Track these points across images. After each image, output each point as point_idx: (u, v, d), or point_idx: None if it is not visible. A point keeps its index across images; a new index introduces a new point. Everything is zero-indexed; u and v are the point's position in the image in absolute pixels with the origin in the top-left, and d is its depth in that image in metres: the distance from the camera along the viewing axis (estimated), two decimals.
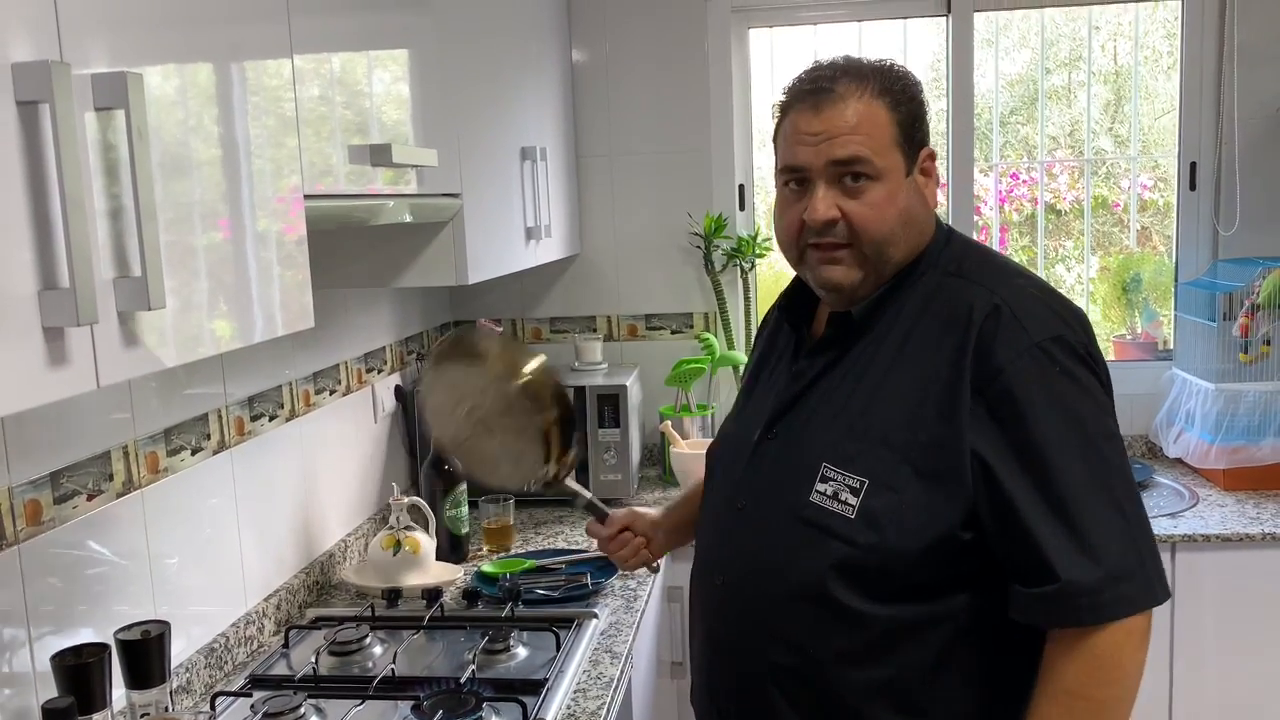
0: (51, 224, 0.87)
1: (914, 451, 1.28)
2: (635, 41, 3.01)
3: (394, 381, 2.67)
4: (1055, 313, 1.31)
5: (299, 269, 1.33)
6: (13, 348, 0.84)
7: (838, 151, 1.31)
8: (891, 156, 1.32)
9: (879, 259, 1.35)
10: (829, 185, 1.33)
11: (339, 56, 1.51)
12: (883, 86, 1.32)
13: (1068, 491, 1.22)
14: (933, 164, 1.38)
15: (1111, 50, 3.55)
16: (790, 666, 1.35)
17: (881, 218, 1.32)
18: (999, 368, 1.25)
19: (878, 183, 1.32)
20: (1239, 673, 2.47)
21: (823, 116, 1.32)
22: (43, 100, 0.85)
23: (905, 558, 1.28)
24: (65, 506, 1.48)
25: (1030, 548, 1.22)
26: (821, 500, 1.32)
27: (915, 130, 1.35)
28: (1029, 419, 1.24)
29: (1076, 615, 1.21)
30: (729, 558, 1.44)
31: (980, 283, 1.33)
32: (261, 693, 1.70)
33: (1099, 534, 1.22)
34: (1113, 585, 1.21)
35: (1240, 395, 2.70)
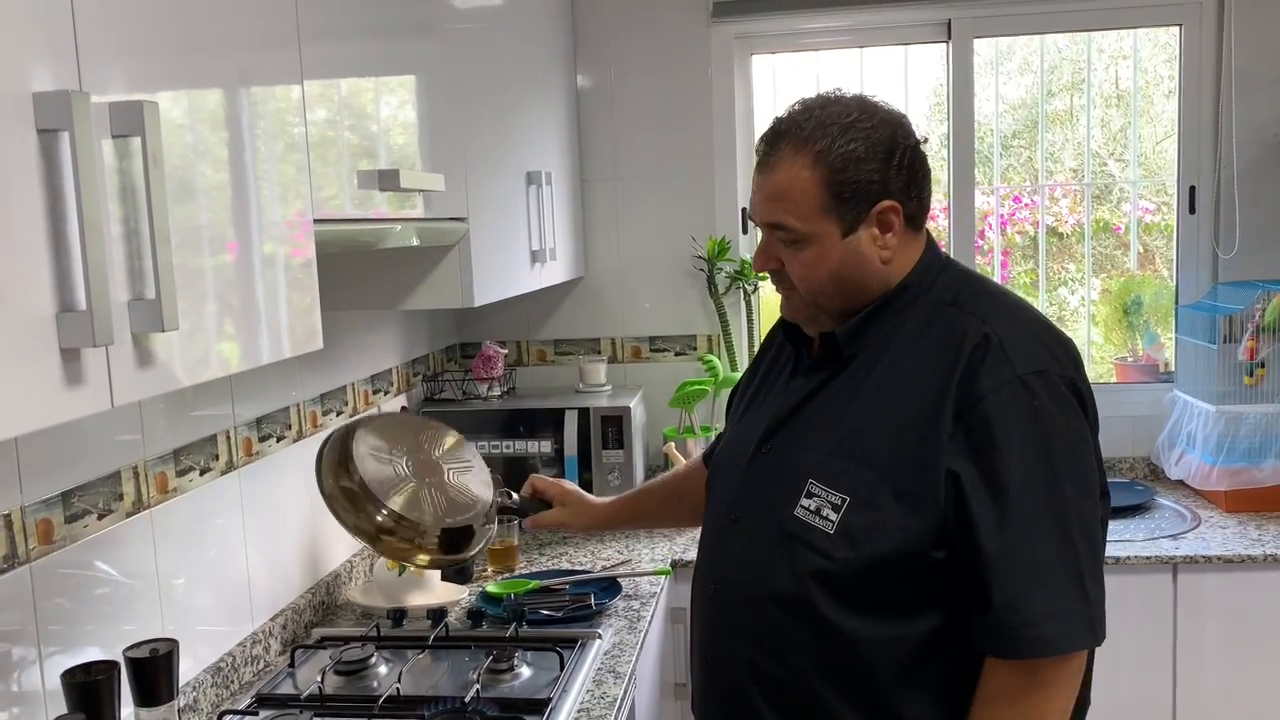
0: (70, 248, 0.89)
1: (895, 471, 1.32)
2: (639, 67, 3.05)
3: (400, 403, 2.69)
4: (1044, 345, 1.34)
5: (308, 291, 1.35)
6: (31, 368, 0.86)
7: (766, 216, 1.40)
8: (819, 222, 1.36)
9: (819, 305, 1.43)
10: (767, 240, 1.43)
11: (348, 82, 1.53)
12: (821, 151, 1.34)
13: (1024, 524, 1.26)
14: (895, 215, 1.37)
15: (1113, 74, 3.58)
16: (773, 673, 1.40)
17: (810, 276, 1.40)
18: (980, 396, 1.29)
19: (806, 245, 1.38)
20: (1242, 694, 2.47)
21: (762, 178, 1.40)
22: (63, 128, 0.87)
23: (880, 573, 1.32)
24: (76, 526, 1.50)
25: (983, 574, 1.27)
26: (804, 515, 1.36)
27: (857, 191, 1.34)
28: (1001, 449, 1.28)
29: (1017, 646, 1.26)
30: (721, 568, 1.50)
31: (974, 313, 1.37)
32: (268, 712, 1.71)
33: (1048, 569, 1.26)
34: (1055, 621, 1.25)
35: (1241, 417, 2.71)
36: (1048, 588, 1.25)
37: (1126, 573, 2.46)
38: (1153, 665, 2.47)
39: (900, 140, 1.37)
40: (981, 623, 1.28)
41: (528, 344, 3.18)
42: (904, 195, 1.38)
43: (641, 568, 2.41)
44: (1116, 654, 2.47)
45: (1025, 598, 1.25)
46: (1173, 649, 2.47)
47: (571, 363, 3.14)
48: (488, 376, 2.85)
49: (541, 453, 2.72)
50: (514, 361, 3.15)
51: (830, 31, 3.08)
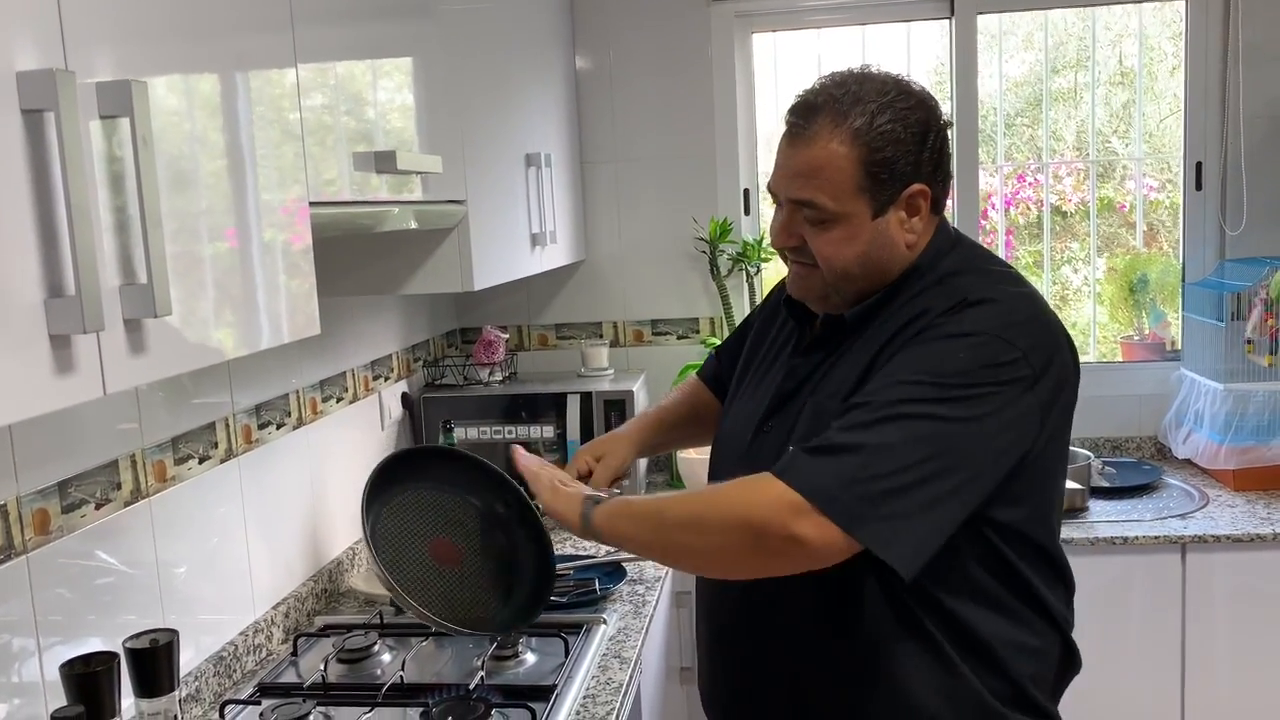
0: (57, 232, 0.87)
1: None
2: (639, 47, 3.02)
3: (401, 389, 2.67)
4: (1002, 311, 1.31)
5: (305, 277, 1.33)
6: (19, 355, 0.84)
7: (796, 192, 1.35)
8: (852, 202, 1.32)
9: (840, 287, 1.39)
10: (791, 215, 1.38)
11: (344, 65, 1.51)
12: (861, 127, 1.30)
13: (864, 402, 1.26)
14: (925, 200, 1.35)
15: (1118, 52, 3.55)
16: (773, 643, 1.43)
17: (836, 256, 1.36)
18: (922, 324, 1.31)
19: (835, 224, 1.34)
20: (1251, 673, 2.46)
21: (793, 153, 1.35)
22: (48, 109, 0.85)
23: None
24: (73, 516, 1.48)
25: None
26: None
27: (892, 173, 1.32)
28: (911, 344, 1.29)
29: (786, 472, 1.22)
30: None
31: (959, 287, 1.35)
32: (270, 701, 1.70)
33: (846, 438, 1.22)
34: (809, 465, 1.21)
35: (1249, 395, 2.69)
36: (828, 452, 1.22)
37: (1135, 552, 2.44)
38: (1161, 645, 2.46)
39: (933, 124, 1.35)
40: None
41: (529, 328, 3.16)
42: (933, 179, 1.36)
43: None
44: (1125, 633, 2.47)
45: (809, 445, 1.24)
46: (1181, 628, 2.45)
47: (573, 347, 3.12)
48: (489, 361, 2.83)
49: (544, 437, 2.70)
50: (515, 346, 3.12)
51: (831, 8, 3.04)
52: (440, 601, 1.63)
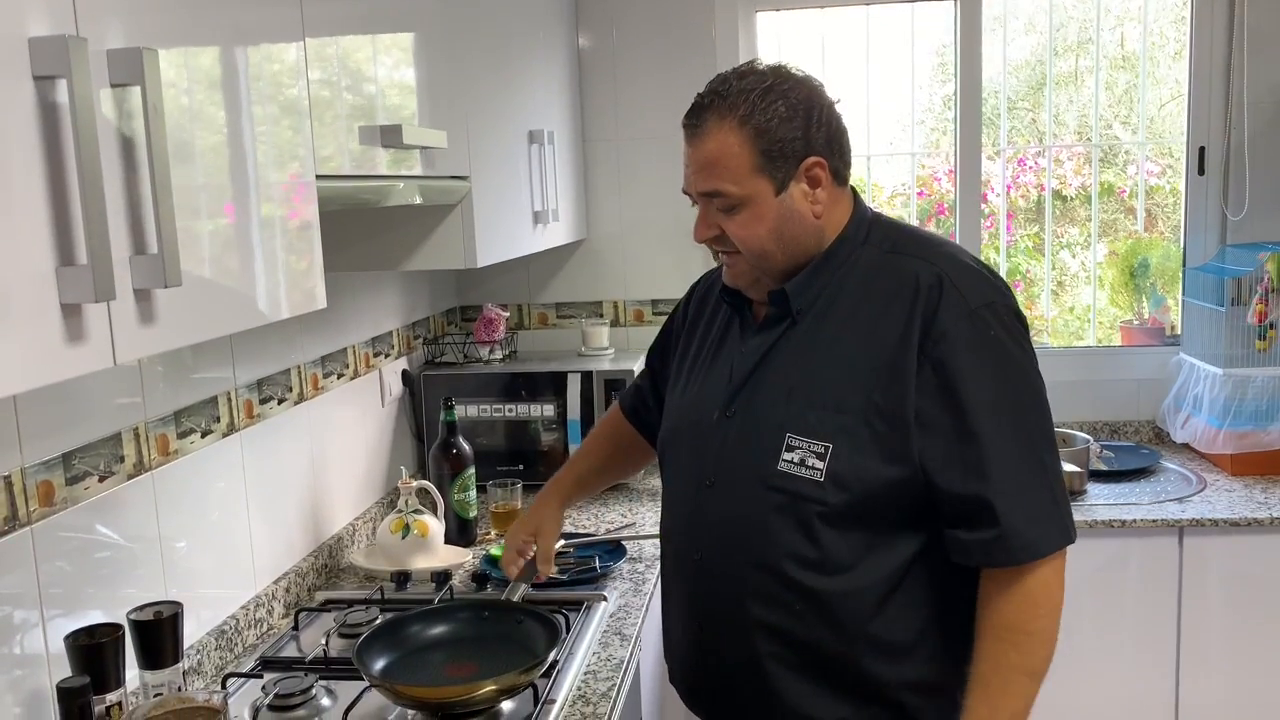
0: (69, 200, 0.86)
1: (870, 413, 1.39)
2: (642, 25, 3.00)
3: (401, 365, 2.66)
4: (987, 280, 1.43)
5: (311, 251, 1.33)
6: (31, 324, 0.84)
7: (701, 185, 1.44)
8: (752, 183, 1.40)
9: (763, 266, 1.46)
10: (705, 209, 1.46)
11: (350, 40, 1.50)
12: (746, 114, 1.39)
13: (1001, 446, 1.36)
14: (823, 170, 1.42)
15: (1119, 36, 3.54)
16: (775, 624, 1.45)
17: (751, 236, 1.43)
18: (943, 331, 1.37)
19: (742, 207, 1.42)
20: (1246, 656, 2.47)
21: (692, 151, 1.44)
22: (60, 75, 0.84)
23: (871, 509, 1.40)
24: (77, 488, 1.48)
25: (968, 497, 1.36)
26: (789, 468, 1.42)
27: (784, 150, 1.39)
28: (966, 378, 1.36)
29: (1011, 555, 1.36)
30: (704, 534, 1.52)
31: (919, 256, 1.44)
32: (272, 674, 1.70)
33: (1027, 483, 1.37)
34: (1037, 527, 1.36)
35: (1248, 380, 2.69)
36: (1028, 502, 1.36)
37: (1132, 535, 2.45)
38: (1157, 627, 2.47)
39: (817, 100, 1.43)
40: (969, 540, 1.37)
41: (529, 307, 3.15)
42: (827, 151, 1.43)
43: (645, 530, 2.40)
44: (1121, 615, 2.48)
45: (1011, 513, 1.35)
46: (1177, 612, 2.47)
47: (573, 326, 3.11)
48: (489, 339, 2.83)
49: (544, 416, 2.70)
50: (515, 325, 3.12)
51: None
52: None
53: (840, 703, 1.44)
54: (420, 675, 1.63)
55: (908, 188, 3.41)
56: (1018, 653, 1.37)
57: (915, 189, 3.43)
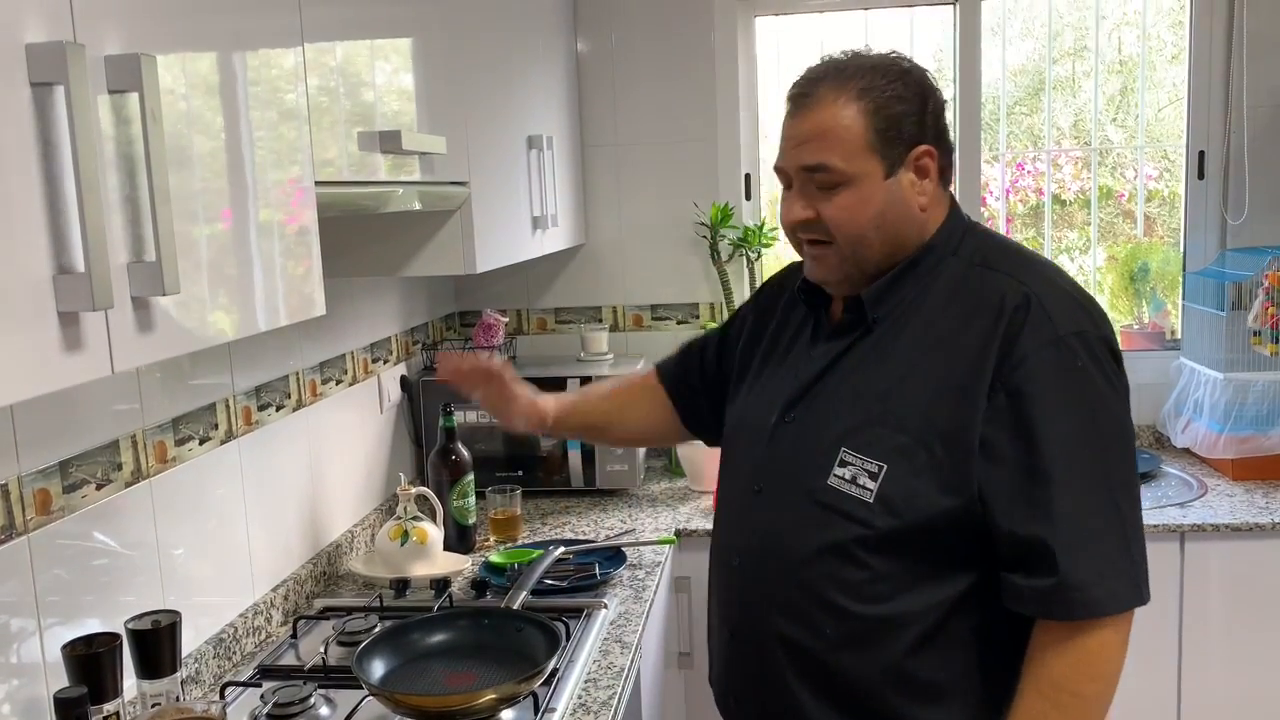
0: (66, 207, 0.86)
1: (931, 437, 1.30)
2: (641, 30, 3.00)
3: (400, 372, 2.66)
4: (1081, 306, 1.33)
5: (310, 257, 1.32)
6: (28, 332, 0.83)
7: (806, 158, 1.34)
8: (864, 161, 1.32)
9: (857, 256, 1.37)
10: (803, 187, 1.37)
11: (349, 45, 1.49)
12: (864, 88, 1.32)
13: (1072, 488, 1.25)
14: (932, 160, 1.36)
15: (1116, 40, 3.53)
16: (799, 641, 1.38)
17: (852, 220, 1.34)
18: (1023, 357, 1.27)
19: (848, 187, 1.33)
20: (1247, 662, 2.46)
21: (799, 121, 1.35)
22: (57, 81, 0.83)
23: (919, 538, 1.31)
24: (74, 496, 1.47)
25: (1029, 540, 1.26)
26: (839, 484, 1.34)
27: (899, 132, 1.33)
28: (1044, 411, 1.26)
29: (1069, 609, 1.25)
30: (744, 540, 1.46)
31: (1010, 274, 1.34)
32: (271, 683, 1.69)
33: (1097, 533, 1.26)
34: (1103, 582, 1.25)
35: (1249, 385, 2.69)
36: (1095, 552, 1.25)
37: None
38: (1158, 632, 2.46)
39: (931, 90, 1.37)
40: (1026, 587, 1.27)
41: (528, 312, 3.15)
42: (938, 144, 1.36)
43: (645, 537, 2.39)
44: None
45: (1074, 563, 1.24)
46: (1179, 617, 2.46)
47: (572, 331, 3.10)
48: (488, 345, 2.82)
49: None
50: (514, 330, 3.11)
51: None
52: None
53: None
54: (419, 684, 1.62)
55: None
56: (1060, 714, 1.26)
57: None
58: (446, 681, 1.63)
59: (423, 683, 1.63)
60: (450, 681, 1.63)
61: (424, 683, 1.63)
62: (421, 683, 1.63)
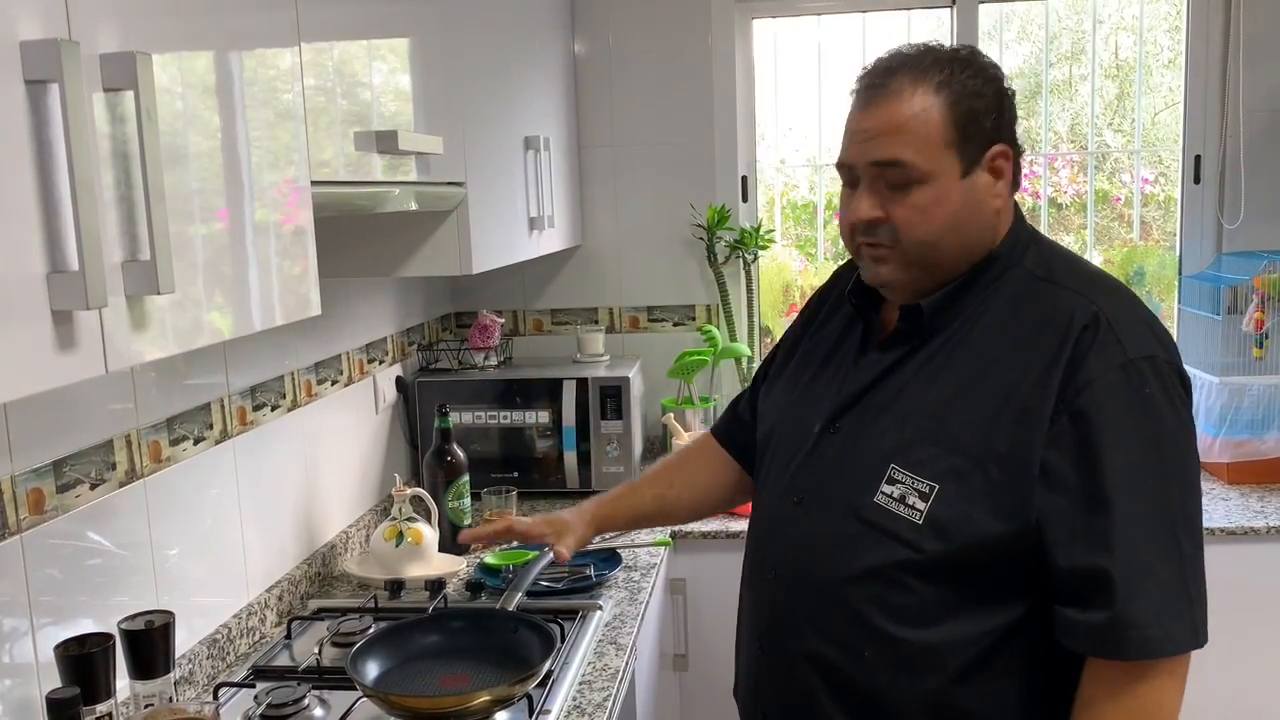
0: (60, 205, 0.85)
1: (988, 460, 1.23)
2: (638, 31, 3.00)
3: (395, 372, 2.65)
4: (1152, 330, 1.26)
5: (305, 257, 1.32)
6: (21, 331, 0.83)
7: (879, 153, 1.26)
8: (941, 158, 1.25)
9: (925, 262, 1.29)
10: (873, 185, 1.28)
11: (346, 45, 1.49)
12: (944, 80, 1.25)
13: (1132, 521, 1.18)
14: (1006, 162, 1.29)
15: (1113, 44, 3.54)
16: (839, 664, 1.31)
17: (925, 221, 1.26)
18: (1089, 380, 1.20)
19: (924, 185, 1.25)
20: (1242, 666, 2.46)
21: (871, 113, 1.27)
22: (52, 79, 0.83)
23: (968, 565, 1.24)
24: (68, 495, 1.47)
25: (1088, 570, 1.19)
26: (886, 503, 1.27)
27: (978, 128, 1.26)
28: (1109, 438, 1.19)
29: (1122, 649, 1.18)
30: (780, 553, 1.40)
31: (1078, 290, 1.27)
32: (265, 684, 1.69)
33: (1156, 569, 1.18)
34: (1160, 622, 1.17)
35: (1245, 389, 2.69)
36: (1153, 589, 1.18)
37: None
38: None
39: (1007, 87, 1.30)
40: (1080, 622, 1.20)
41: (524, 313, 3.14)
42: (1012, 143, 1.30)
43: (640, 539, 2.39)
44: None
45: (1129, 600, 1.17)
46: None
47: (568, 333, 3.10)
48: (484, 346, 2.82)
49: (539, 423, 2.69)
50: (510, 331, 3.11)
51: None
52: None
53: None
54: (414, 685, 1.62)
55: None
56: None
57: None
58: (441, 683, 1.62)
59: (417, 684, 1.62)
60: (445, 683, 1.62)
61: (418, 684, 1.62)
62: (416, 684, 1.62)
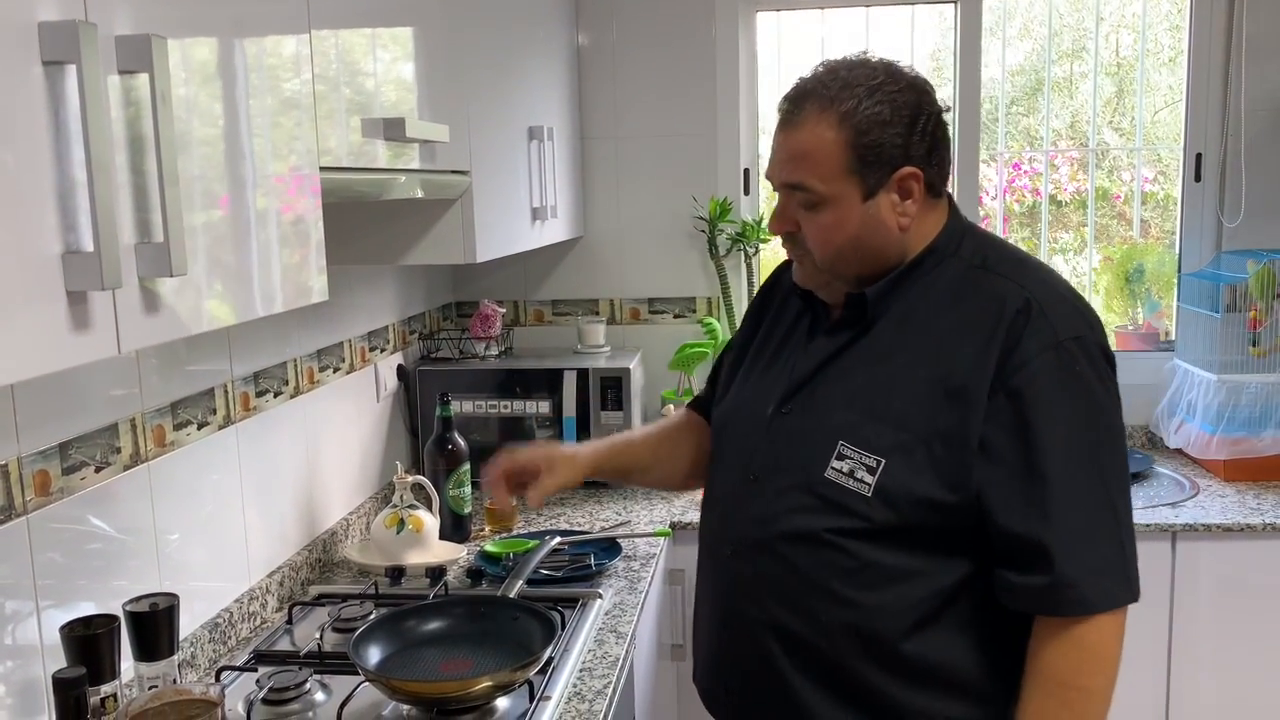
0: (76, 186, 0.86)
1: (932, 436, 1.32)
2: (641, 23, 3.00)
3: (397, 360, 2.66)
4: (1079, 312, 1.36)
5: (314, 243, 1.32)
6: (37, 311, 0.83)
7: (787, 176, 1.38)
8: (840, 184, 1.34)
9: (834, 271, 1.41)
10: (786, 201, 1.40)
11: (354, 33, 1.49)
12: (849, 110, 1.32)
13: (1069, 487, 1.29)
14: (917, 182, 1.36)
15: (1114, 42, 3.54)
16: (793, 627, 1.40)
17: (826, 241, 1.38)
18: (1024, 360, 1.30)
19: (825, 208, 1.36)
20: (1237, 662, 2.48)
21: (785, 137, 1.38)
22: (69, 61, 0.84)
23: (915, 531, 1.34)
24: (73, 478, 1.47)
25: (1026, 538, 1.29)
26: (837, 477, 1.36)
27: (881, 155, 1.33)
28: (1043, 414, 1.29)
29: (1062, 607, 1.29)
30: (739, 528, 1.47)
31: (1009, 277, 1.37)
32: (266, 668, 1.69)
33: (1092, 531, 1.29)
34: (1098, 580, 1.29)
35: (1242, 387, 2.70)
36: (1090, 551, 1.29)
37: None
38: (1149, 632, 2.48)
39: (925, 107, 1.36)
40: (1020, 584, 1.31)
41: (525, 304, 3.15)
42: (925, 162, 1.36)
43: (640, 529, 2.40)
44: None
45: (1069, 561, 1.28)
46: (1169, 616, 2.47)
47: (569, 323, 3.11)
48: (485, 336, 2.82)
49: (539, 414, 2.69)
50: (511, 321, 3.11)
51: None
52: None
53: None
54: (416, 670, 1.63)
55: None
56: (1068, 712, 1.31)
57: None
58: (442, 668, 1.63)
59: (419, 669, 1.63)
60: (446, 668, 1.63)
61: (420, 669, 1.63)
62: (418, 669, 1.63)
